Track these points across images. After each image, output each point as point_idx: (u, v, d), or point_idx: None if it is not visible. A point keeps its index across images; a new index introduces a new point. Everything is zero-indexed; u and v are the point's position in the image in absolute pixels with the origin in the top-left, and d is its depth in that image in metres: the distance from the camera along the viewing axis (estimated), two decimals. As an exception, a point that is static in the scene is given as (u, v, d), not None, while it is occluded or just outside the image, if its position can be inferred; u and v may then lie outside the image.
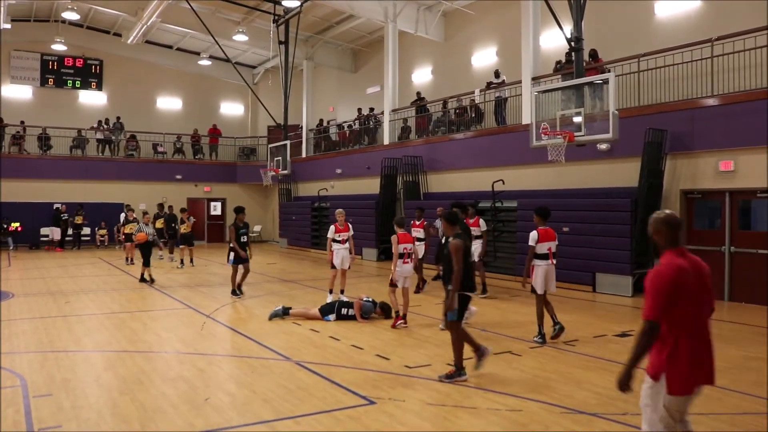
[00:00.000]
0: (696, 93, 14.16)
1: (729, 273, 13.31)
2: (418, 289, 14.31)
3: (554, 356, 8.55)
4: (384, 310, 11.25)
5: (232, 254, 13.79)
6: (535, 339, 9.40)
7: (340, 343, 9.34)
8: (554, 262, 9.64)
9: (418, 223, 14.99)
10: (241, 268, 13.95)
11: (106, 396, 6.76)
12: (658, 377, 4.03)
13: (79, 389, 6.95)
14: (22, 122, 29.40)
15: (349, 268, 13.22)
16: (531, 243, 9.55)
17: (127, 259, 21.37)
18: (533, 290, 9.58)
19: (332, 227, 13.06)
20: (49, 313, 11.88)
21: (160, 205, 22.59)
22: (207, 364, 8.18)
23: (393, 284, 10.72)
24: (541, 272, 9.50)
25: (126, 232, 21.01)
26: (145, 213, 17.93)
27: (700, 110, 13.68)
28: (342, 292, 12.94)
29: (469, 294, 7.46)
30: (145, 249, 16.13)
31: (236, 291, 13.82)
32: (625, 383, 4.15)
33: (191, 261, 20.76)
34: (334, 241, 12.94)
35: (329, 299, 12.41)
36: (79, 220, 28.11)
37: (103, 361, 8.36)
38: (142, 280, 16.23)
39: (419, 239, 14.35)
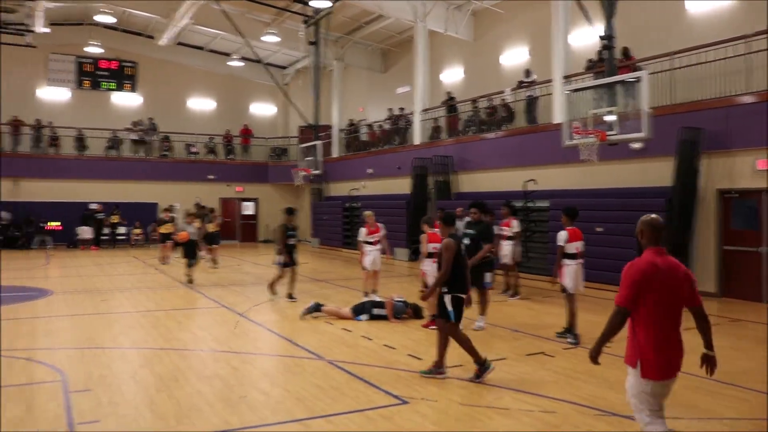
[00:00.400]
0: (731, 90, 13.91)
1: None
2: None
3: (587, 357, 8.46)
4: (415, 311, 11.26)
5: (281, 256, 13.26)
6: (569, 340, 9.36)
7: (372, 342, 9.38)
8: (582, 261, 9.65)
9: (439, 223, 14.79)
10: (289, 272, 13.40)
11: (143, 392, 6.89)
12: (635, 364, 4.45)
13: (116, 385, 7.09)
14: (50, 122, 29.92)
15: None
16: (560, 243, 9.53)
17: (161, 259, 21.23)
18: (564, 290, 9.57)
19: (363, 229, 13.14)
20: (86, 311, 12.11)
21: (197, 205, 22.80)
22: (241, 362, 8.27)
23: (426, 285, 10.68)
24: (572, 272, 9.51)
25: (162, 232, 20.93)
26: (189, 213, 17.81)
27: (735, 108, 13.46)
28: (374, 292, 12.97)
29: (462, 296, 7.43)
30: (189, 248, 16.17)
31: (273, 289, 13.49)
32: (595, 357, 4.77)
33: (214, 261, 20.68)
34: (366, 242, 12.99)
35: (365, 298, 12.45)
36: (115, 219, 28.64)
37: (140, 359, 8.51)
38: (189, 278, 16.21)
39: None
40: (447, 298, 7.34)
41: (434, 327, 10.29)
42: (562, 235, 9.56)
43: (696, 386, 7.08)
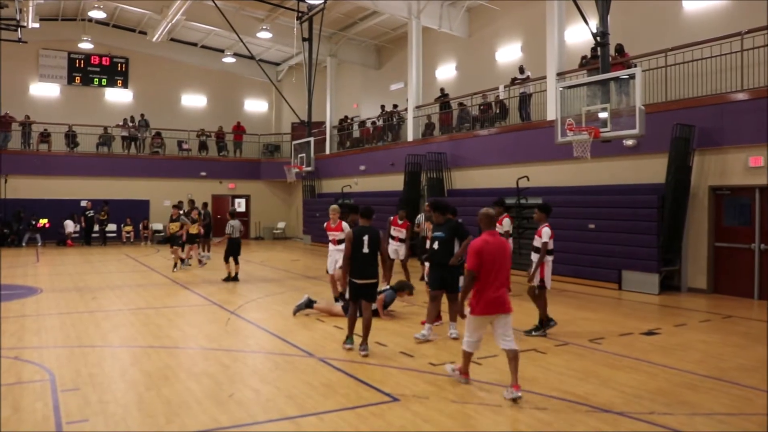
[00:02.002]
0: (725, 87, 13.93)
1: (759, 271, 13.08)
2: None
3: (580, 354, 8.47)
4: (403, 288, 11.28)
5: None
6: (546, 332, 9.41)
7: (364, 339, 9.32)
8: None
9: (400, 222, 14.08)
10: None
11: (132, 391, 6.82)
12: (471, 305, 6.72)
13: (106, 384, 7.02)
14: (27, 116, 29.48)
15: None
16: (545, 239, 9.40)
17: (200, 261, 19.37)
18: (542, 286, 9.50)
19: (325, 225, 11.85)
20: (76, 309, 12.02)
21: (191, 202, 22.50)
22: (231, 360, 8.21)
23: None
24: (550, 268, 9.56)
25: (192, 232, 19.00)
26: (229, 213, 17.11)
27: (729, 105, 13.46)
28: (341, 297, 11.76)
29: (354, 280, 8.45)
30: (233, 246, 15.94)
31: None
32: (461, 311, 7.03)
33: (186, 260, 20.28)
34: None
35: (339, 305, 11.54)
36: (103, 216, 28.48)
37: (129, 357, 8.44)
38: (228, 279, 15.97)
39: (401, 240, 14.10)
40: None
41: (438, 323, 10.36)
42: (547, 232, 9.45)
43: (687, 383, 7.07)
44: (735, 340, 9.40)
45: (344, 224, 11.49)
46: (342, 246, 11.09)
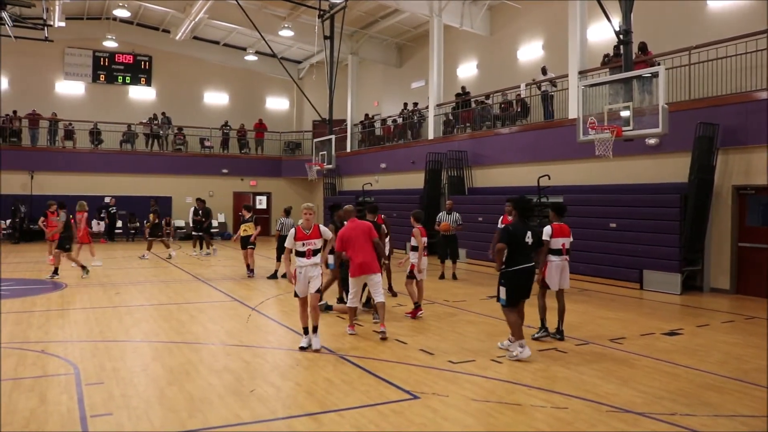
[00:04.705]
0: (749, 86, 13.76)
1: (783, 272, 12.92)
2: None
3: (601, 354, 8.43)
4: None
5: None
6: (534, 336, 9.24)
7: (384, 337, 9.35)
8: (568, 258, 9.46)
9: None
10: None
11: (154, 385, 6.90)
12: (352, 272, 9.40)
13: (129, 378, 7.11)
14: (54, 114, 30.00)
15: (320, 291, 8.91)
16: (545, 238, 9.30)
17: (248, 267, 17.10)
18: (545, 285, 9.36)
19: (292, 231, 8.65)
20: (99, 304, 12.18)
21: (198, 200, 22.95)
22: (252, 356, 8.28)
23: (412, 276, 11.09)
24: (555, 268, 9.29)
25: (242, 234, 17.24)
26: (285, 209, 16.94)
27: (754, 103, 13.29)
28: (314, 330, 8.73)
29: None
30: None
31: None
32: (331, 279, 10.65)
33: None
34: (297, 253, 8.63)
35: (303, 343, 8.73)
36: (154, 218, 27.99)
37: (152, 352, 8.54)
38: (274, 276, 16.22)
39: None
40: None
41: (421, 314, 10.83)
42: (547, 230, 9.34)
43: (709, 384, 7.02)
44: (758, 341, 9.30)
45: (322, 228, 8.77)
46: (317, 258, 8.65)
